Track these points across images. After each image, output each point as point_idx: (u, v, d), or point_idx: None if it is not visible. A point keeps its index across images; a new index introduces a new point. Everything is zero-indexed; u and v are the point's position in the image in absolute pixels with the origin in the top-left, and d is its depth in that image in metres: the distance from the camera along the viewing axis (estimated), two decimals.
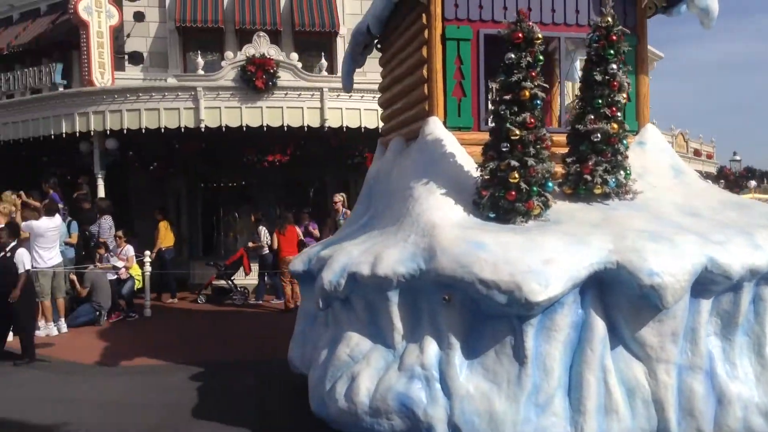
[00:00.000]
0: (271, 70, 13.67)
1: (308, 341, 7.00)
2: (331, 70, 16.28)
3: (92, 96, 14.23)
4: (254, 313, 13.03)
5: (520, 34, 5.75)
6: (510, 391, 5.14)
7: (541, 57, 5.85)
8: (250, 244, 14.03)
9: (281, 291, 13.33)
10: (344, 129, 14.17)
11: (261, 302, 13.87)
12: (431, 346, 5.43)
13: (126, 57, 16.06)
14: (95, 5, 15.23)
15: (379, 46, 8.69)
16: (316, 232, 13.79)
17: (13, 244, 9.48)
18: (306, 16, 16.04)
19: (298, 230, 13.27)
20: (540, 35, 5.82)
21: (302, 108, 13.95)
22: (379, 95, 9.11)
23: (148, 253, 13.00)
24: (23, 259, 9.34)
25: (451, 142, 6.48)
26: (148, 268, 12.71)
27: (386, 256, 5.59)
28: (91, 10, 15.17)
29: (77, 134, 14.30)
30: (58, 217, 11.48)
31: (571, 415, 5.13)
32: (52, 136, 14.57)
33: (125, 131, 13.96)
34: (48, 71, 16.10)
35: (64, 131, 14.33)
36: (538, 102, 5.79)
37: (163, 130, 13.83)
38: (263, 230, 13.87)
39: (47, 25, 17.36)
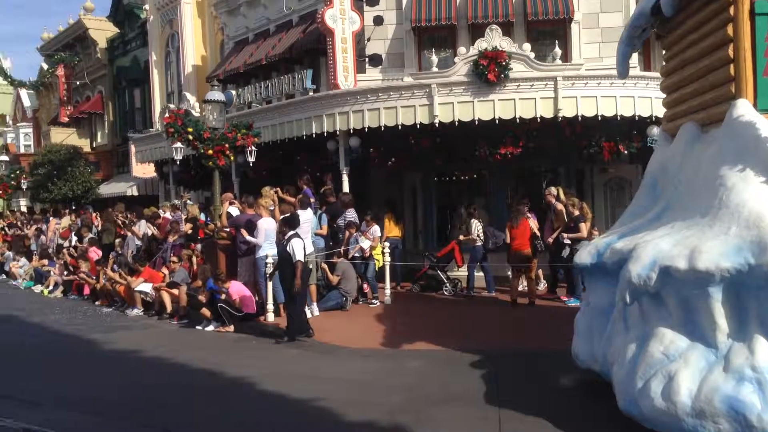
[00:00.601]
0: (504, 63, 13.69)
1: (596, 336, 6.93)
2: (566, 58, 15.87)
3: (337, 98, 15.37)
4: (482, 304, 13.20)
5: None
6: None
7: None
8: (461, 237, 14.19)
9: (492, 283, 13.47)
10: (579, 118, 13.76)
11: (472, 294, 13.95)
12: (762, 347, 5.13)
13: (367, 60, 17.06)
14: (339, 13, 16.39)
15: (660, 27, 8.21)
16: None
17: (290, 233, 10.47)
18: (539, 5, 15.77)
19: (532, 223, 13.14)
20: None
21: (535, 99, 13.80)
22: (659, 81, 8.54)
23: (387, 244, 13.78)
24: (294, 249, 10.20)
25: (765, 126, 5.93)
26: (387, 258, 13.45)
27: (706, 250, 5.33)
28: (336, 18, 16.35)
29: (325, 134, 15.54)
30: (309, 211, 12.61)
31: None
32: (304, 137, 15.99)
33: (366, 129, 14.88)
34: (300, 77, 17.64)
35: (314, 132, 15.66)
36: None
37: (400, 127, 14.52)
38: (475, 223, 13.95)
39: (298, 35, 19.00)
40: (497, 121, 13.89)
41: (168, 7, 26.38)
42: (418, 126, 14.39)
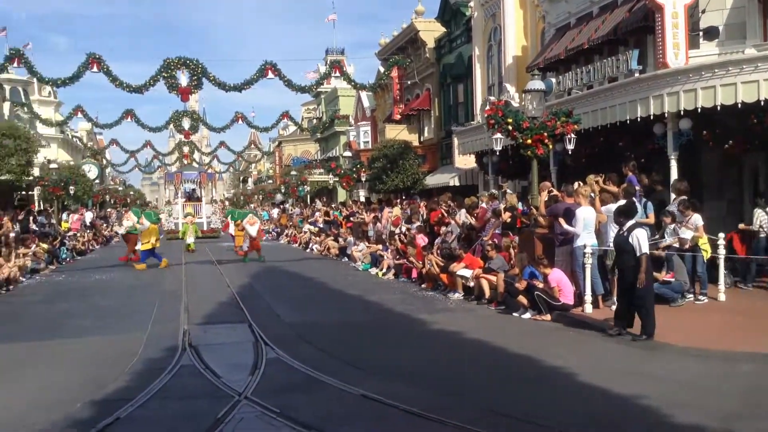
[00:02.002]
0: None
1: None
2: None
3: (666, 78, 14.26)
4: None
5: None
6: None
7: None
8: None
9: None
10: None
11: None
12: None
13: (701, 34, 15.56)
14: None
15: None
16: None
17: (630, 223, 9.86)
18: None
19: None
20: None
21: None
22: None
23: (721, 235, 12.36)
24: (639, 240, 9.44)
25: None
26: (722, 250, 12.07)
27: None
28: None
29: (651, 117, 14.54)
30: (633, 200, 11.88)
31: None
32: (627, 121, 15.17)
33: (699, 110, 13.57)
34: (624, 59, 16.76)
35: (638, 115, 14.76)
36: None
37: (739, 105, 12.97)
38: None
39: (624, 14, 18.04)
40: None
41: (492, 1, 27.08)
42: (762, 103, 12.70)
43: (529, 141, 14.50)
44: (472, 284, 14.16)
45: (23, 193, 41.64)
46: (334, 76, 27.81)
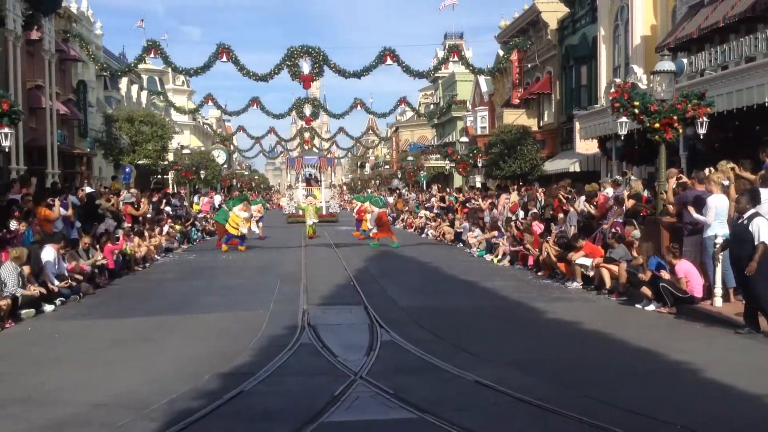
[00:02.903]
0: None
1: None
2: None
3: None
4: None
5: None
6: None
7: None
8: None
9: None
10: None
11: None
12: None
13: None
14: None
15: None
16: None
17: (751, 211, 9.36)
18: None
19: None
20: None
21: None
22: None
23: None
24: (760, 229, 9.06)
25: None
26: None
27: None
28: None
29: None
30: None
31: None
32: (766, 104, 14.15)
33: None
34: (764, 37, 15.63)
35: None
36: None
37: None
38: None
39: None
40: None
41: None
42: None
43: (657, 125, 13.86)
44: (591, 273, 13.76)
45: (159, 177, 44.49)
46: (452, 60, 27.67)
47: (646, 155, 20.01)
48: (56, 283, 12.60)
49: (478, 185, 35.86)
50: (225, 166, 61.00)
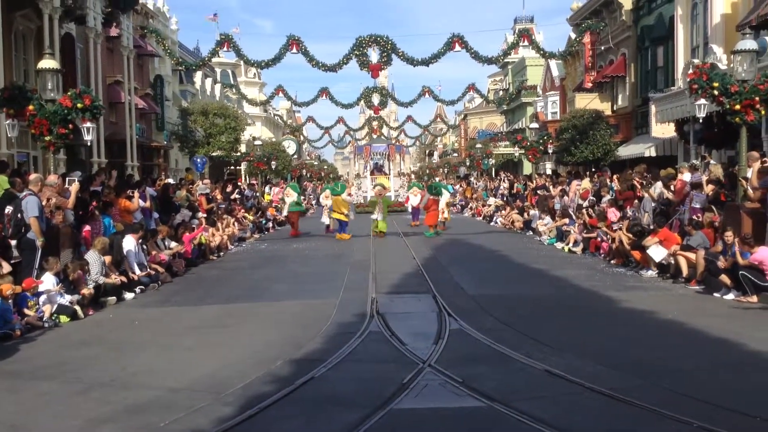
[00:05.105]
0: None
1: None
2: None
3: None
4: None
5: None
6: None
7: None
8: None
9: None
10: None
11: None
12: None
13: None
14: None
15: None
16: None
17: None
18: None
19: None
20: None
21: None
22: None
23: None
24: None
25: None
26: None
27: None
28: None
29: None
30: None
31: None
32: None
33: None
34: None
35: None
36: None
37: None
38: None
39: None
40: None
41: None
42: None
43: (738, 106, 13.31)
44: (666, 262, 13.35)
45: (232, 168, 45.56)
46: (522, 45, 27.13)
47: (726, 139, 19.23)
48: (137, 271, 13.13)
49: (549, 172, 35.26)
50: (295, 156, 61.88)
